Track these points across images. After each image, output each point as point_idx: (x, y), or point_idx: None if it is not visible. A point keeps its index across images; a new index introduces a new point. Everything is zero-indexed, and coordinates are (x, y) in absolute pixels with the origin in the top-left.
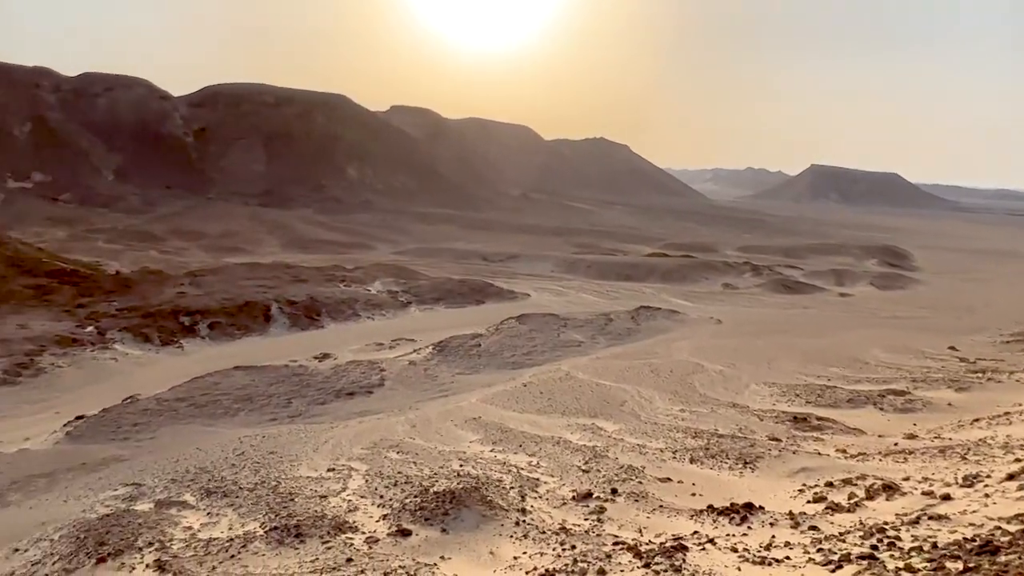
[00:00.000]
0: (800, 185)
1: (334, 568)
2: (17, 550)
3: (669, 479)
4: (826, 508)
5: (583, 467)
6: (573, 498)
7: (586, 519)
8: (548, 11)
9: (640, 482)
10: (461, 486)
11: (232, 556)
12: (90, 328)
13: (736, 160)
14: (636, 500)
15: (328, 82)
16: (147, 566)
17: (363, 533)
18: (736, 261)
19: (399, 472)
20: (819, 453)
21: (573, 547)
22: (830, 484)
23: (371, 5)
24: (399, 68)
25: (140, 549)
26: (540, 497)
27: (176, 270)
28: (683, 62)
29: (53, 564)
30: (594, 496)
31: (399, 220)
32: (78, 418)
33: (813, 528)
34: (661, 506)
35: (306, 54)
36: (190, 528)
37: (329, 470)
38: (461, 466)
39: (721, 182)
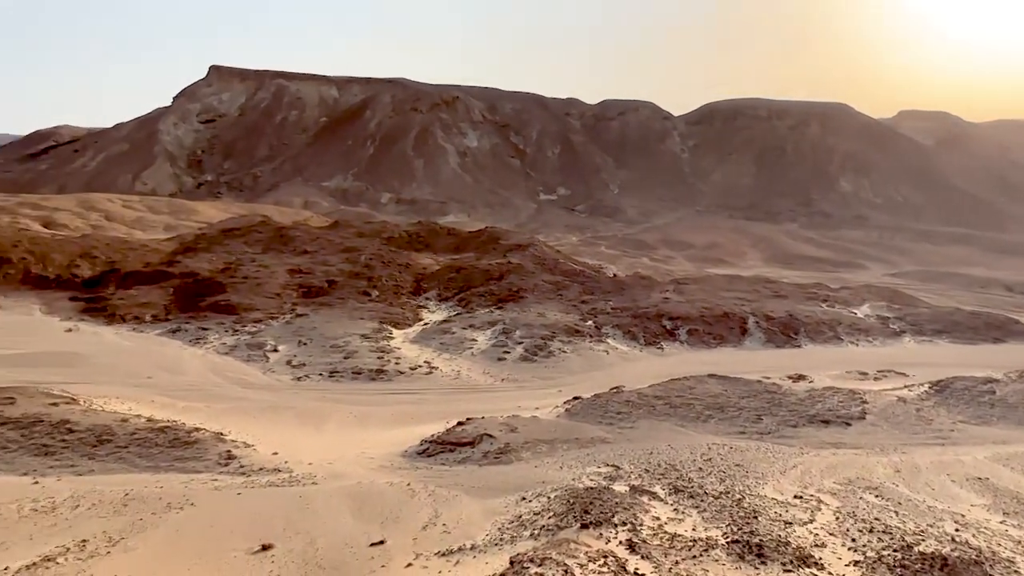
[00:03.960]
0: None
1: None
2: (524, 499)
3: None
4: None
5: None
6: None
7: None
8: None
9: None
10: (956, 554)
11: (694, 557)
12: (590, 322)
13: None
14: None
15: (829, 90)
16: (620, 542)
17: (829, 573)
18: None
19: (876, 518)
20: None
21: None
22: None
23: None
24: (911, 67)
25: (615, 525)
26: None
27: (663, 277)
28: None
29: (548, 518)
30: None
31: (897, 238)
32: (574, 398)
33: None
34: None
35: (806, 62)
36: (658, 519)
37: (796, 497)
38: (957, 531)
39: None
